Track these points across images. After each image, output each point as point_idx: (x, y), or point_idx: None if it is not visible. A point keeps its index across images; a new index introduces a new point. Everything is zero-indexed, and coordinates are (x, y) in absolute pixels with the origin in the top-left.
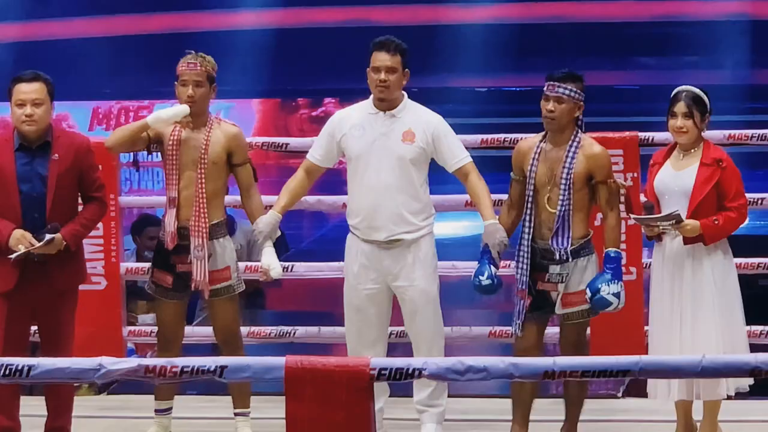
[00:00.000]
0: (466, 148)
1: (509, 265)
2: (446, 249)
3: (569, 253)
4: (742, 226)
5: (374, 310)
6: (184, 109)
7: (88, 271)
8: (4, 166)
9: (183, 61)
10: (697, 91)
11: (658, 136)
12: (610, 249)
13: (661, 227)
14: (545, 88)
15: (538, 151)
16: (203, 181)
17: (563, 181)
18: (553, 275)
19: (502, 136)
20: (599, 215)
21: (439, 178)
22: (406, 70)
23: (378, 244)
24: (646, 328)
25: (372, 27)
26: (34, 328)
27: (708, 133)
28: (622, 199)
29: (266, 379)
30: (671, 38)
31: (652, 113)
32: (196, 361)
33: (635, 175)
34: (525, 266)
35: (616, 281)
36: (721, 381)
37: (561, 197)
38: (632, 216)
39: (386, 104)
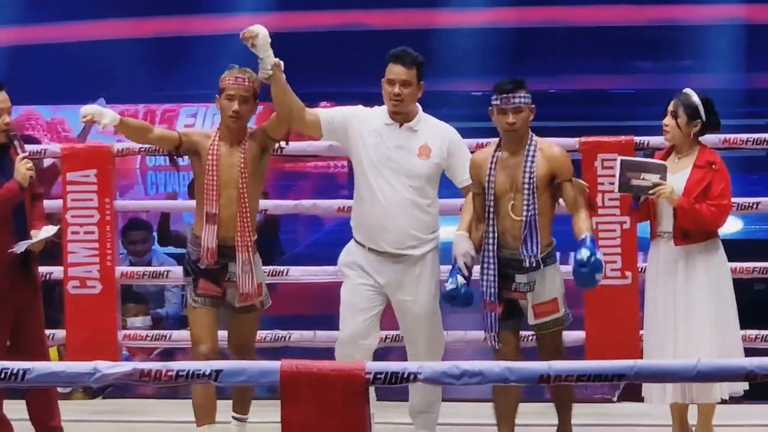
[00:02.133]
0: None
1: None
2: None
3: (539, 260)
4: (736, 230)
5: (370, 311)
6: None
7: (83, 275)
8: None
9: (229, 74)
10: (694, 98)
11: (654, 140)
12: (585, 232)
13: (643, 180)
14: (499, 102)
15: (494, 160)
16: (246, 197)
17: (526, 186)
18: (521, 284)
19: (498, 140)
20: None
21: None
22: (421, 82)
23: (384, 255)
24: (641, 332)
25: (367, 31)
26: None
27: (703, 138)
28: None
29: (261, 383)
30: (666, 42)
31: (648, 117)
32: (191, 365)
33: None
34: (493, 277)
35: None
36: (715, 385)
37: (525, 203)
38: (619, 158)
39: (401, 117)
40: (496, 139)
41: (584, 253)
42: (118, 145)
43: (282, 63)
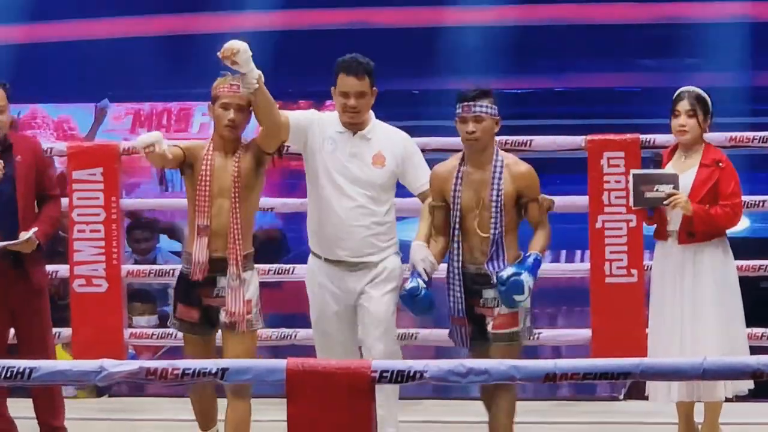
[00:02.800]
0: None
1: None
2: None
3: None
4: (743, 228)
5: (341, 333)
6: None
7: (89, 274)
8: None
9: (223, 82)
10: (700, 91)
11: (660, 138)
12: (532, 251)
13: (657, 192)
14: (460, 110)
15: (459, 174)
16: (238, 208)
17: (494, 204)
18: (489, 299)
19: (503, 138)
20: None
21: None
22: (374, 88)
23: (343, 265)
24: (647, 330)
25: (374, 29)
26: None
27: (710, 135)
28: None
29: (268, 381)
30: (673, 40)
31: (654, 115)
32: (197, 364)
33: None
34: (459, 293)
35: (531, 276)
36: (719, 383)
37: (493, 220)
38: (632, 171)
39: (356, 126)
40: (459, 153)
41: (506, 272)
42: (125, 144)
43: (262, 74)
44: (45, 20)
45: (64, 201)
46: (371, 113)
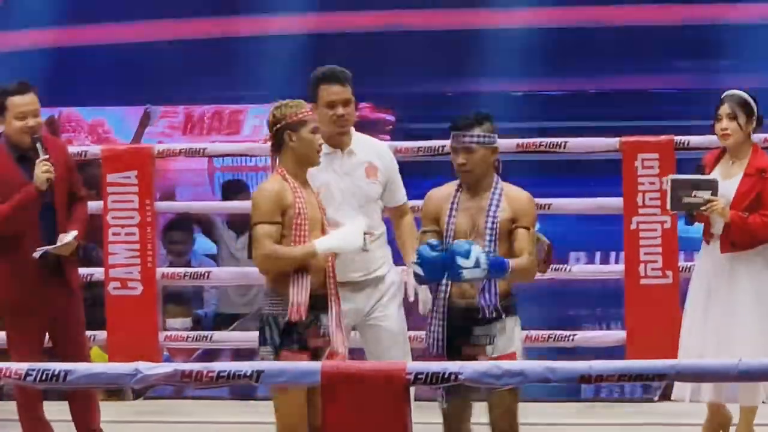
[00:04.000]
0: (502, 152)
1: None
2: None
3: (499, 309)
4: None
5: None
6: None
7: (124, 277)
8: (12, 177)
9: (298, 105)
10: (743, 94)
11: (694, 139)
12: (509, 260)
13: (693, 197)
14: (451, 140)
15: (456, 200)
16: None
17: (489, 232)
18: (479, 337)
19: (539, 140)
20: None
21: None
22: (355, 98)
23: (348, 287)
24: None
25: (406, 31)
26: None
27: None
28: (542, 254)
29: (303, 383)
30: (707, 42)
31: (689, 117)
32: (232, 366)
33: None
34: (441, 328)
35: (486, 259)
36: (758, 387)
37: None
38: (669, 177)
39: (343, 140)
40: (456, 181)
41: (468, 248)
42: (159, 147)
43: None
44: (81, 23)
45: (99, 204)
46: (352, 128)
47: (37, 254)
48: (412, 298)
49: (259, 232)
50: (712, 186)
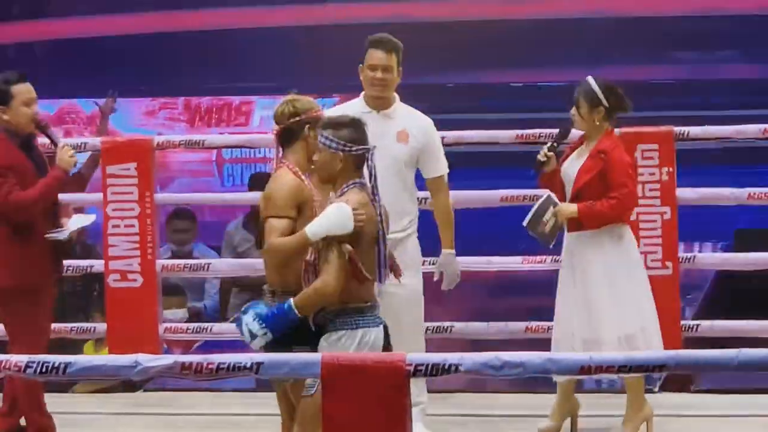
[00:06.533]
0: (501, 143)
1: (545, 260)
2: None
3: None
4: None
5: None
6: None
7: (124, 269)
8: (22, 164)
9: (315, 104)
10: (592, 84)
11: (694, 130)
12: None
13: (547, 223)
14: None
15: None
16: None
17: None
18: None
19: (539, 131)
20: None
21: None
22: (400, 68)
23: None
24: (682, 322)
25: (414, 23)
26: None
27: (744, 127)
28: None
29: (303, 375)
30: (707, 33)
31: (688, 107)
32: (232, 358)
33: (670, 169)
34: None
35: (264, 325)
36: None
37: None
38: (524, 225)
39: (380, 103)
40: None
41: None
42: (158, 138)
43: None
44: (83, 15)
45: (99, 196)
46: (396, 95)
47: (63, 235)
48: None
49: (268, 226)
50: (549, 201)
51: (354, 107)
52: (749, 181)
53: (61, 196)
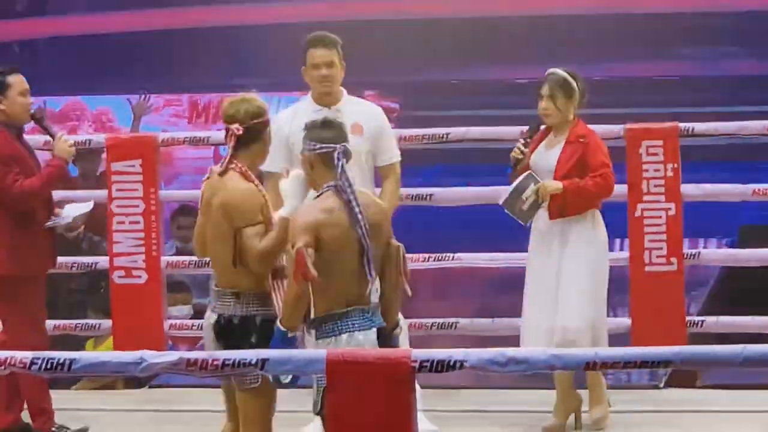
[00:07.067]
0: (505, 140)
1: None
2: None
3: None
4: None
5: None
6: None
7: (129, 265)
8: (20, 154)
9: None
10: (563, 74)
11: (699, 126)
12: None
13: (526, 201)
14: None
15: None
16: None
17: None
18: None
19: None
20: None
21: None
22: (343, 63)
23: None
24: (687, 318)
25: (408, 20)
26: None
27: (747, 123)
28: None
29: (307, 371)
30: (711, 29)
31: (693, 104)
32: (237, 354)
33: (675, 165)
34: None
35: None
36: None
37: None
38: (500, 203)
39: (330, 99)
40: None
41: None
42: (163, 135)
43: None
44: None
45: (104, 193)
46: (343, 89)
47: (63, 221)
48: None
49: (246, 236)
50: (530, 178)
51: (305, 107)
52: (750, 177)
53: (66, 193)
